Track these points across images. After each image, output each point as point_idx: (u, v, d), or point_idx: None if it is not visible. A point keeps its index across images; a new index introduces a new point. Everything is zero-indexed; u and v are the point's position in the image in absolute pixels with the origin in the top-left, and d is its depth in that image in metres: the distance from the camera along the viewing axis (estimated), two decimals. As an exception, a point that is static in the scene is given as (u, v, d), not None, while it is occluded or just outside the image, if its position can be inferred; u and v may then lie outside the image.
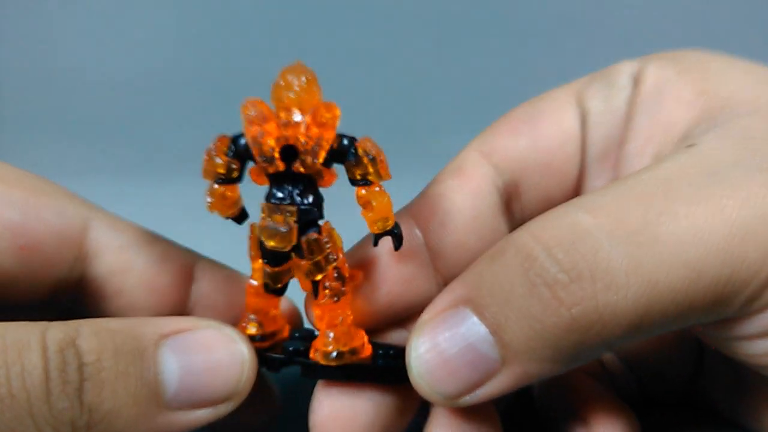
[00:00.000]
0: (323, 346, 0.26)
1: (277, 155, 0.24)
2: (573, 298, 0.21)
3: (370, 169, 0.25)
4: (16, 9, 0.91)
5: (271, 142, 0.24)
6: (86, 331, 0.22)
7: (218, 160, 0.25)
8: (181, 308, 0.29)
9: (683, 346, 0.31)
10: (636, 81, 0.29)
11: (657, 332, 0.23)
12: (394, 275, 0.27)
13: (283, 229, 0.25)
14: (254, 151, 0.24)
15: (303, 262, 0.25)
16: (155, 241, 0.29)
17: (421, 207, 0.28)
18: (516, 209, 0.30)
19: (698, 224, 0.22)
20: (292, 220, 0.25)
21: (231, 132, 0.25)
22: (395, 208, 0.26)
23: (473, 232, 0.28)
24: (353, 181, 0.25)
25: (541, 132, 0.30)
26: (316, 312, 0.26)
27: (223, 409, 0.24)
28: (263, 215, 0.25)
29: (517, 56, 0.92)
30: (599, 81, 0.30)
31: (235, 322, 0.27)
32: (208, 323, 0.25)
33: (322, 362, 0.26)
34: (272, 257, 0.26)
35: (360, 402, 0.26)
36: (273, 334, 0.27)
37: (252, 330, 0.27)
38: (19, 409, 0.20)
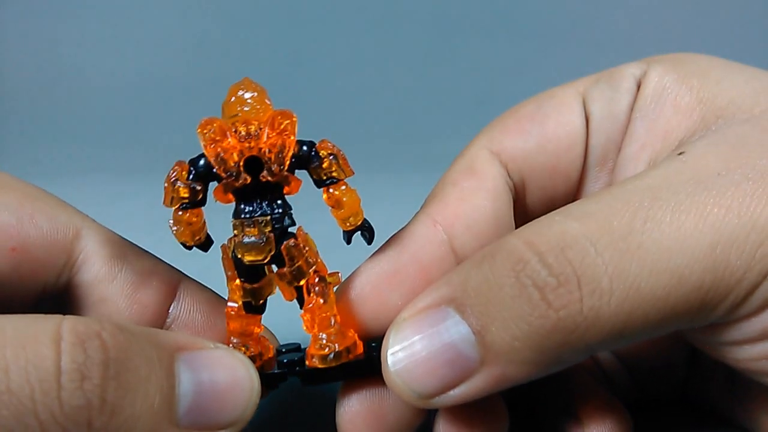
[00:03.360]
0: (318, 350, 0.26)
1: (242, 169, 0.24)
2: (561, 301, 0.22)
3: (335, 167, 0.25)
4: (17, 10, 0.93)
5: (235, 156, 0.24)
6: (112, 327, 0.21)
7: (181, 186, 0.25)
8: (159, 325, 0.28)
9: (677, 344, 0.31)
10: (638, 85, 0.29)
11: (641, 338, 0.23)
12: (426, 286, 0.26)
13: (259, 240, 0.25)
14: (219, 169, 0.24)
15: (285, 270, 0.25)
16: (143, 254, 0.29)
17: (443, 210, 0.28)
18: (520, 210, 0.30)
19: (682, 232, 0.22)
20: (267, 230, 0.25)
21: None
22: (385, 208, 0.27)
23: (495, 234, 0.27)
24: (320, 183, 0.26)
25: (548, 133, 0.29)
26: (305, 319, 0.26)
27: None
28: (236, 232, 0.25)
29: (517, 56, 0.92)
30: (604, 82, 0.30)
31: None
32: (217, 344, 0.24)
33: (320, 366, 0.25)
34: (249, 273, 0.26)
35: (386, 399, 0.26)
36: (260, 355, 0.27)
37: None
38: (19, 407, 0.18)
